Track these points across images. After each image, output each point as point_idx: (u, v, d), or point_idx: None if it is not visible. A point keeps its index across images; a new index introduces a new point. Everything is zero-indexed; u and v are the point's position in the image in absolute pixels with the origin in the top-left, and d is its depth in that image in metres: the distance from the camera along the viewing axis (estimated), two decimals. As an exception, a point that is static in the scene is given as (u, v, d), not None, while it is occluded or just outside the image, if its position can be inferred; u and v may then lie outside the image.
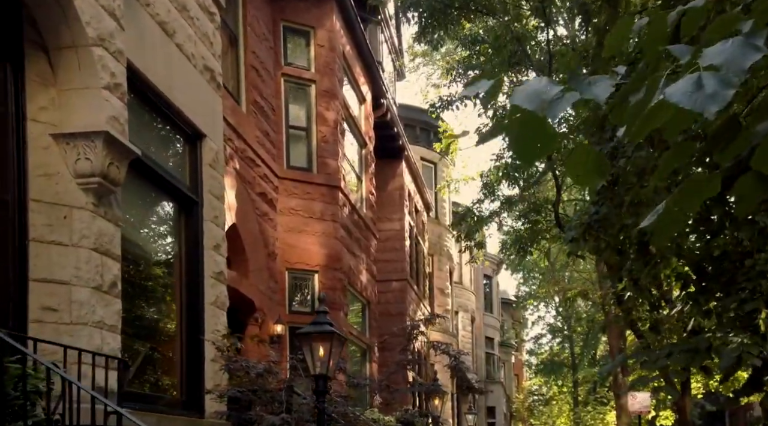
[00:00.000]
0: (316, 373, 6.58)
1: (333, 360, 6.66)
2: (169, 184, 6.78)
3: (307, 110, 13.33)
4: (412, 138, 26.01)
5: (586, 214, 7.81)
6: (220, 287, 7.42)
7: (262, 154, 11.70)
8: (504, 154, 14.29)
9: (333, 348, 6.59)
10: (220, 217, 7.57)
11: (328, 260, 12.80)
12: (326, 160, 13.19)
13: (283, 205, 12.56)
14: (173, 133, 7.02)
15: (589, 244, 7.78)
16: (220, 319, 7.38)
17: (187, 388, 6.88)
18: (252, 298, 10.91)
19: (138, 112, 6.39)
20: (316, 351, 6.55)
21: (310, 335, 6.65)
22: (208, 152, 7.38)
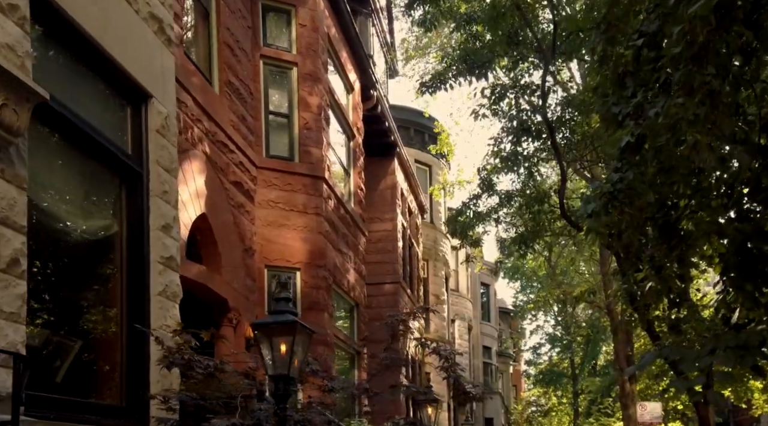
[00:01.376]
0: (276, 373, 5.40)
1: (298, 358, 5.48)
2: (105, 150, 5.63)
3: (288, 95, 12.20)
4: (406, 140, 24.92)
5: (608, 182, 6.63)
6: (170, 275, 6.25)
7: (238, 140, 10.56)
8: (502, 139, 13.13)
9: (297, 343, 5.41)
10: (172, 194, 6.40)
11: (311, 257, 11.63)
12: (309, 149, 12.04)
13: (262, 197, 11.40)
14: (110, 90, 5.86)
15: (612, 218, 6.61)
16: (170, 311, 6.21)
17: (127, 393, 5.69)
18: (225, 297, 9.73)
19: (61, 59, 5.25)
20: (276, 347, 5.37)
21: (269, 327, 5.47)
22: (156, 117, 6.22)
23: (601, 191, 6.65)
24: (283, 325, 5.40)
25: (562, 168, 11.92)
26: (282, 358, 5.36)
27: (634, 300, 12.19)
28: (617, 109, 7.28)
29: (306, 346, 5.64)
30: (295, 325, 5.41)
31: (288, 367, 5.36)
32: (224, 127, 10.12)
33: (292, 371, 5.42)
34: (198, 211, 9.17)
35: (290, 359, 5.36)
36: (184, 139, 8.91)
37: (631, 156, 6.67)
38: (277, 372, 5.39)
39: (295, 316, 5.52)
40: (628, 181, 6.55)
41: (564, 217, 12.40)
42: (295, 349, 5.39)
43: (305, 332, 5.57)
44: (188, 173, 8.96)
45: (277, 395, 5.41)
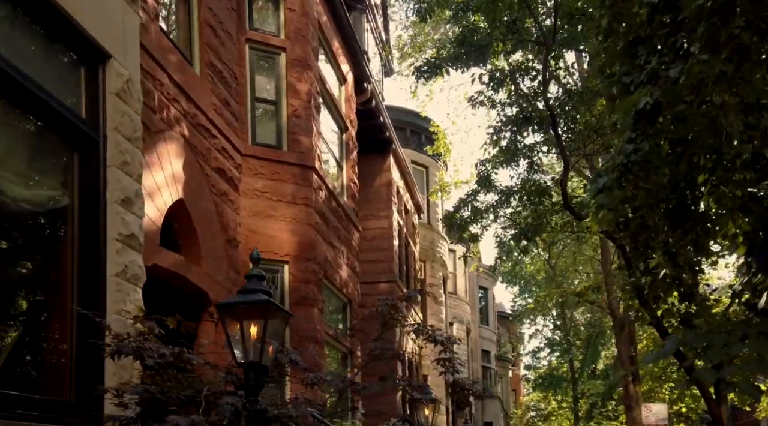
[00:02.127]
0: (249, 360, 4.64)
1: (272, 344, 4.74)
2: (54, 112, 4.90)
3: (276, 82, 11.49)
4: (402, 141, 24.19)
5: (621, 154, 5.89)
6: (131, 255, 5.51)
7: (220, 125, 9.83)
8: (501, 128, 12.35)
9: (270, 327, 4.66)
10: (134, 166, 5.67)
11: (299, 249, 10.89)
12: (298, 137, 11.31)
13: (248, 186, 10.67)
14: (61, 47, 5.14)
15: (625, 192, 5.86)
16: (130, 296, 5.47)
17: (77, 387, 4.94)
18: (205, 290, 8.98)
19: (3, 11, 4.54)
20: (246, 331, 4.62)
21: (236, 308, 4.73)
22: (115, 79, 5.50)
23: (613, 164, 5.91)
24: (253, 305, 4.66)
25: (564, 156, 11.19)
26: (253, 344, 4.61)
27: (641, 294, 11.45)
28: (628, 78, 6.55)
29: (282, 330, 4.90)
30: (268, 305, 4.67)
31: (260, 354, 4.61)
32: (205, 110, 9.40)
33: (265, 359, 4.67)
34: (174, 197, 8.43)
35: (262, 345, 4.61)
36: (159, 119, 8.19)
37: (646, 126, 5.94)
38: (247, 360, 4.64)
39: (269, 296, 4.77)
40: (644, 153, 5.81)
41: (566, 207, 11.66)
42: (268, 333, 4.65)
43: (280, 314, 4.83)
44: (163, 155, 8.23)
45: (247, 386, 4.66)
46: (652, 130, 5.93)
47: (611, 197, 5.90)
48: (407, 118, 26.68)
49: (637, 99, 5.39)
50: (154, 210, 7.94)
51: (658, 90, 5.31)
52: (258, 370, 4.65)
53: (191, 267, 8.75)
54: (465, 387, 7.48)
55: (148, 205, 7.84)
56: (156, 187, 8.03)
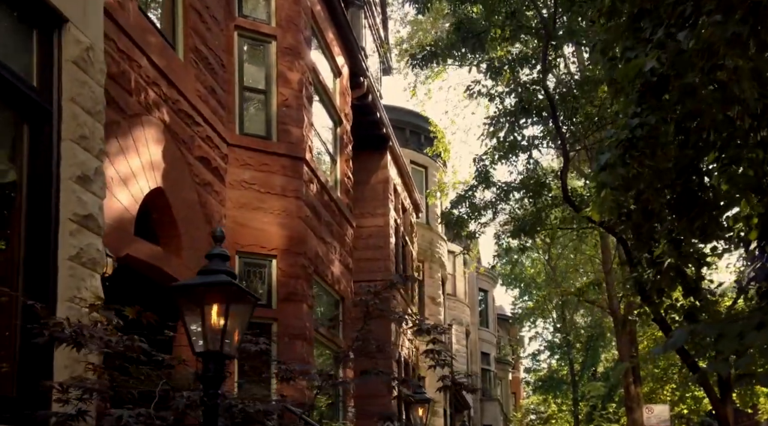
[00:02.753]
0: (208, 349, 4.09)
1: (235, 331, 4.19)
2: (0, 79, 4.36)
3: (266, 71, 10.95)
4: (401, 141, 23.63)
5: (625, 129, 5.33)
6: (88, 237, 4.97)
7: (205, 112, 9.31)
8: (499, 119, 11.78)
9: (233, 311, 4.11)
10: (94, 141, 5.13)
11: (289, 243, 10.34)
12: (288, 128, 10.78)
13: (234, 177, 10.13)
14: (8, 7, 4.61)
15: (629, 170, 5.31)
16: (87, 282, 4.93)
17: (20, 382, 4.39)
18: (186, 283, 8.41)
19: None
20: (207, 316, 4.07)
21: (194, 291, 4.17)
22: (72, 46, 4.97)
23: (617, 139, 5.35)
24: (213, 287, 4.10)
25: (564, 147, 10.64)
26: (212, 331, 4.06)
27: (643, 290, 10.89)
28: (633, 53, 6.00)
29: (247, 316, 4.34)
30: (231, 288, 4.11)
31: (220, 342, 4.06)
32: (188, 96, 8.88)
33: (227, 348, 4.12)
34: (152, 185, 7.91)
35: (223, 332, 4.06)
36: (136, 102, 7.67)
37: (652, 99, 5.39)
38: (206, 348, 4.08)
39: (233, 278, 4.22)
40: (649, 128, 5.26)
41: (566, 200, 11.09)
42: (230, 319, 4.10)
43: (245, 298, 4.27)
44: (140, 140, 7.71)
45: (205, 378, 4.11)
46: (659, 104, 5.38)
47: (614, 175, 5.36)
48: (406, 118, 26.19)
49: (643, 63, 4.84)
50: (129, 197, 7.42)
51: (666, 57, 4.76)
52: (218, 360, 4.10)
53: (170, 259, 8.21)
54: (455, 381, 6.91)
55: (122, 192, 7.33)
56: (131, 173, 7.51)
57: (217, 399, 4.04)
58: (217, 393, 4.05)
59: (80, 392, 4.19)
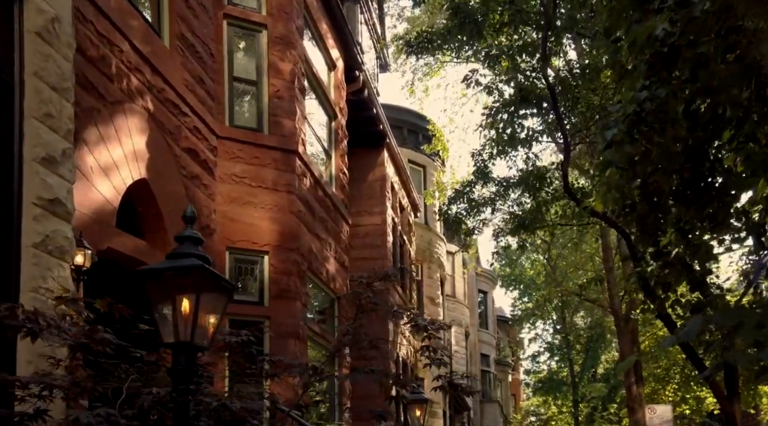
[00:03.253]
0: (178, 339, 3.67)
1: (209, 320, 3.78)
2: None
3: (256, 61, 10.56)
4: (399, 140, 23.26)
5: (633, 103, 4.92)
6: (54, 223, 4.56)
7: (192, 102, 8.91)
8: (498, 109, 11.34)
9: (205, 298, 3.71)
10: (62, 120, 4.72)
11: (281, 239, 9.94)
12: (280, 120, 10.39)
13: (225, 171, 9.74)
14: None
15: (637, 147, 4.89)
16: (54, 272, 4.52)
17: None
18: (172, 279, 8.01)
19: None
20: (176, 304, 3.66)
21: (163, 276, 3.77)
22: (35, 16, 4.57)
23: (623, 113, 4.94)
24: (184, 272, 3.70)
25: (565, 137, 10.22)
26: (183, 320, 3.65)
27: (647, 285, 10.49)
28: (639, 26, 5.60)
29: (223, 304, 3.93)
30: (203, 273, 3.71)
31: (191, 331, 3.65)
32: (174, 84, 8.48)
33: (200, 338, 3.71)
34: (136, 176, 7.51)
35: (195, 321, 3.66)
36: (118, 89, 7.28)
37: (662, 71, 4.98)
38: (177, 339, 3.67)
39: (206, 263, 3.82)
40: (659, 101, 4.86)
41: (567, 192, 10.68)
42: (203, 307, 3.69)
43: (220, 285, 3.87)
44: (122, 129, 7.31)
45: (175, 371, 3.69)
46: (669, 77, 4.98)
47: (621, 153, 4.94)
48: (404, 117, 25.80)
49: (654, 26, 4.44)
50: (110, 188, 7.03)
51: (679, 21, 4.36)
52: (189, 351, 3.69)
53: (156, 254, 7.78)
54: (452, 381, 6.49)
55: (102, 182, 6.93)
56: (113, 163, 7.11)
57: (188, 395, 3.63)
58: (188, 388, 3.64)
59: (39, 389, 3.78)
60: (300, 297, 9.88)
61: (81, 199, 6.43)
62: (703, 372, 10.21)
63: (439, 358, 6.19)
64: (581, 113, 11.10)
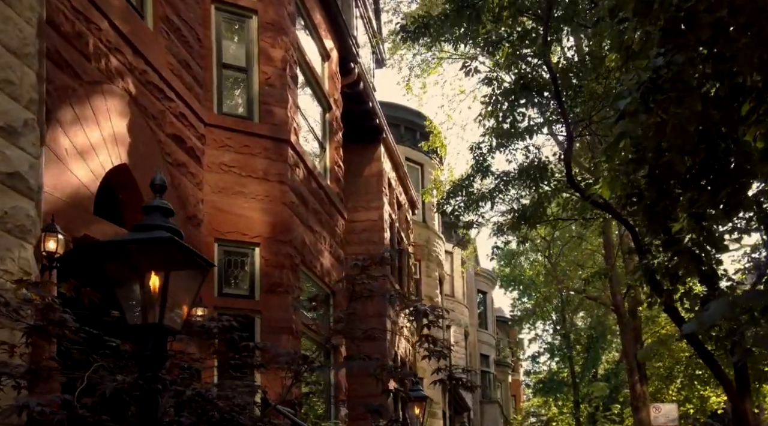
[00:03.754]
0: (146, 321, 3.26)
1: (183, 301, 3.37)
2: None
3: (246, 47, 10.17)
4: (397, 138, 22.81)
5: (648, 70, 4.49)
6: (13, 199, 4.16)
7: (178, 88, 8.51)
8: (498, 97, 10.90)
9: (176, 275, 3.29)
10: (23, 88, 4.32)
11: (272, 230, 9.54)
12: (271, 108, 9.99)
13: (213, 160, 9.34)
14: None
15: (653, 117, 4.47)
16: (12, 252, 4.12)
17: None
18: (156, 271, 7.60)
19: None
20: (143, 281, 3.25)
21: (125, 250, 3.35)
22: (-7, -28, 4.15)
23: (638, 81, 4.52)
24: (151, 245, 3.28)
25: (567, 125, 9.79)
26: (150, 299, 3.23)
27: (654, 278, 10.09)
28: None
29: (197, 284, 3.52)
30: (173, 246, 3.30)
31: (159, 313, 3.23)
32: (158, 68, 8.08)
33: (169, 320, 3.29)
34: (116, 161, 7.10)
35: (164, 300, 3.24)
36: (95, 68, 6.88)
37: (679, 37, 4.57)
38: (144, 321, 3.25)
39: (178, 237, 3.41)
40: (677, 68, 4.45)
41: (569, 183, 10.26)
42: (173, 285, 3.28)
43: (193, 261, 3.45)
44: (100, 110, 6.91)
45: (142, 357, 3.28)
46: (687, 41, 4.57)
47: (635, 123, 4.53)
48: (401, 115, 25.37)
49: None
50: (87, 172, 6.62)
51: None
52: (158, 335, 3.27)
53: (137, 243, 7.38)
54: (452, 375, 6.07)
55: (79, 165, 6.53)
56: (90, 145, 6.71)
57: (156, 383, 3.22)
58: (156, 376, 3.23)
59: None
60: (293, 291, 9.46)
61: (54, 182, 6.03)
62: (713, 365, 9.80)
63: (439, 350, 5.78)
64: (583, 103, 10.70)
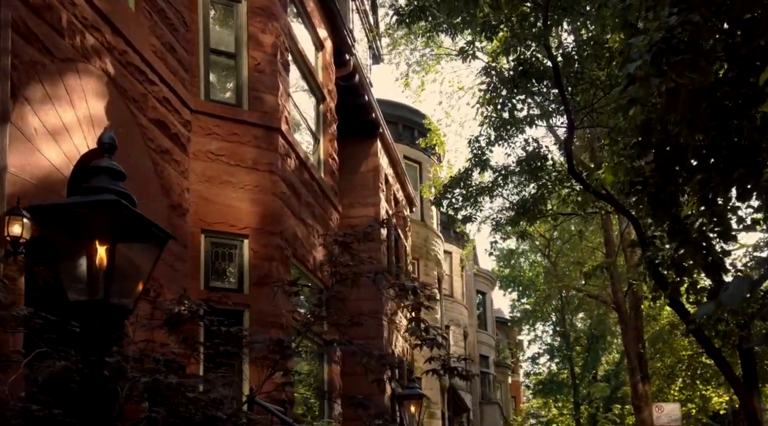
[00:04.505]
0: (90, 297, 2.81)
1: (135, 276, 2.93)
2: None
3: (235, 33, 9.75)
4: (394, 136, 22.35)
5: (660, 30, 4.03)
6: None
7: (162, 71, 8.09)
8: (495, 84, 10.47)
9: (125, 246, 2.86)
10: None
11: (262, 221, 9.10)
12: (261, 95, 9.56)
13: (199, 147, 8.90)
14: None
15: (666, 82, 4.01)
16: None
17: None
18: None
19: None
20: (86, 251, 2.80)
21: (68, 215, 2.91)
22: None
23: (649, 42, 4.06)
24: (96, 210, 2.84)
25: (568, 113, 9.34)
26: (94, 272, 2.78)
27: (658, 271, 9.65)
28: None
29: (153, 257, 3.08)
30: (122, 211, 2.86)
31: (106, 287, 2.78)
32: (140, 49, 7.66)
33: (118, 297, 2.85)
34: (91, 144, 6.65)
35: (110, 273, 2.79)
36: (69, 45, 6.45)
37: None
38: (87, 295, 2.81)
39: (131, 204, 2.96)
40: (691, 28, 4.00)
41: (570, 172, 9.81)
42: (121, 256, 2.83)
43: (147, 230, 3.01)
44: (75, 90, 6.48)
45: (85, 337, 2.83)
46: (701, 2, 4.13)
47: (646, 88, 4.07)
48: (399, 113, 24.96)
49: None
50: (60, 154, 6.20)
51: None
52: (105, 312, 2.83)
53: (116, 231, 6.95)
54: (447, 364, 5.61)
55: (50, 147, 6.10)
56: (63, 126, 6.28)
57: (103, 368, 2.77)
58: (103, 360, 2.79)
59: None
60: (282, 284, 8.99)
61: (21, 163, 5.62)
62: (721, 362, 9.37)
63: (432, 338, 5.33)
64: (584, 91, 10.26)
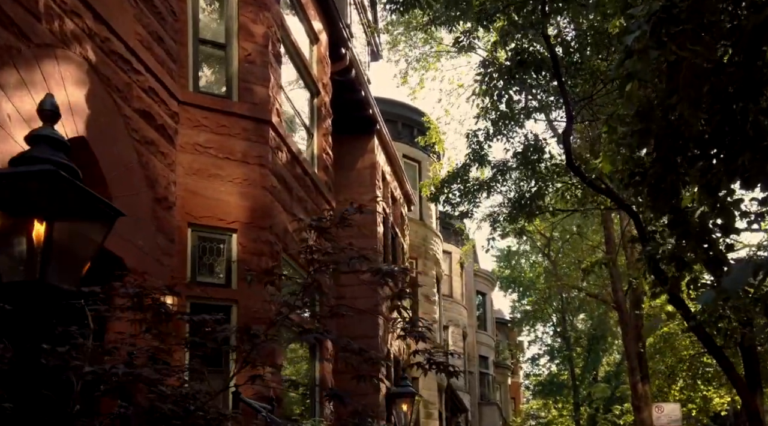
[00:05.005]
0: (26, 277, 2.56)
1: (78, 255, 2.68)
2: None
3: (226, 23, 9.50)
4: (393, 134, 22.12)
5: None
6: None
7: (147, 60, 7.83)
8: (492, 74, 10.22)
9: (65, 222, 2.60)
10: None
11: (251, 216, 8.84)
12: (251, 87, 9.30)
13: (187, 140, 8.64)
14: None
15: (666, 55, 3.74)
16: None
17: None
18: (119, 254, 6.92)
19: None
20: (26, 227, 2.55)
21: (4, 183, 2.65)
22: None
23: (648, 11, 3.80)
24: (32, 180, 2.59)
25: (567, 104, 9.09)
26: (30, 250, 2.53)
27: (658, 266, 9.39)
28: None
29: (100, 234, 2.83)
30: (62, 182, 2.60)
31: (41, 266, 2.53)
32: (124, 37, 7.40)
33: (57, 277, 2.59)
34: (71, 133, 6.40)
35: (47, 251, 2.54)
36: (47, 30, 6.19)
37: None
38: (24, 276, 2.56)
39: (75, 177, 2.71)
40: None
41: (569, 165, 9.56)
42: (60, 232, 2.58)
43: (92, 206, 2.76)
44: (52, 77, 6.22)
45: (19, 324, 2.57)
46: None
47: (645, 61, 3.80)
48: (398, 111, 24.73)
49: None
50: (36, 142, 5.92)
51: None
52: (41, 295, 2.57)
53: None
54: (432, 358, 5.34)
55: (25, 134, 5.83)
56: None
57: (37, 358, 2.52)
58: (39, 347, 2.53)
59: None
60: (274, 281, 8.73)
61: (-8, 150, 5.36)
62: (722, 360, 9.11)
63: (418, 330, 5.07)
64: (584, 82, 10.01)
